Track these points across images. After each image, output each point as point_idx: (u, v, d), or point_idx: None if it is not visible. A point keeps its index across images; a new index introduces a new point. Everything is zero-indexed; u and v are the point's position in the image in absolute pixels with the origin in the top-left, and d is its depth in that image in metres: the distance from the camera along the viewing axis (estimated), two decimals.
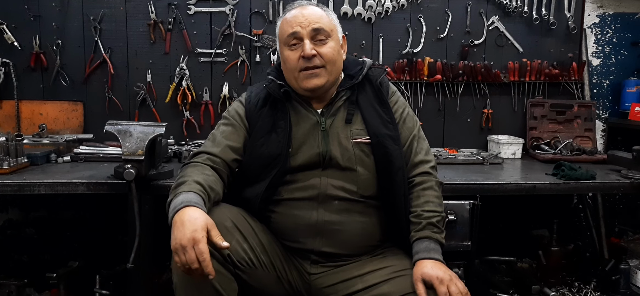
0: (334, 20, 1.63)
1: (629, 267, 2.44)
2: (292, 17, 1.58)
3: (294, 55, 1.56)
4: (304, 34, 1.55)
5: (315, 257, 1.55)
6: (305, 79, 1.56)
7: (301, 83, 1.57)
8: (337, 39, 1.61)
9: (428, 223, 1.52)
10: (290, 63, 1.57)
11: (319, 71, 1.55)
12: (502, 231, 2.75)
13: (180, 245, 1.25)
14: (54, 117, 2.67)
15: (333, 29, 1.60)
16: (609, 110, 3.02)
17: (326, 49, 1.56)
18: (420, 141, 1.67)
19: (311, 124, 1.59)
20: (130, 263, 1.84)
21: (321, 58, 1.55)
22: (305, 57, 1.53)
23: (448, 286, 1.37)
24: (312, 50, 1.53)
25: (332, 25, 1.60)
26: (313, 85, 1.56)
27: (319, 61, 1.55)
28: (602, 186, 2.18)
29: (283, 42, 1.59)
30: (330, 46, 1.57)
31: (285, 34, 1.58)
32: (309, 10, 1.58)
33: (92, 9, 2.67)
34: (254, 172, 1.57)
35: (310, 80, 1.56)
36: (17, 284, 2.27)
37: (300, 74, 1.56)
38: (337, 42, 1.60)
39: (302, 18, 1.56)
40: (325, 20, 1.58)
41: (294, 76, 1.58)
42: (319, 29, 1.55)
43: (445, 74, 2.80)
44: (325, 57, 1.55)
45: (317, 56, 1.54)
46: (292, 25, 1.56)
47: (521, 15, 2.83)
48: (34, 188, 1.89)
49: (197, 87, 2.73)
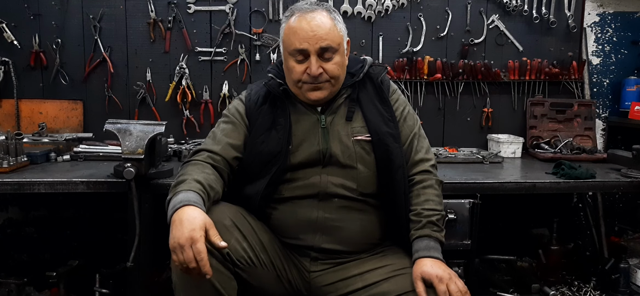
0: (342, 30, 1.58)
1: (628, 266, 2.44)
2: (299, 27, 1.52)
3: (299, 68, 1.54)
4: (312, 51, 1.51)
5: (315, 254, 1.55)
6: (309, 91, 1.56)
7: (304, 94, 1.57)
8: (343, 51, 1.58)
9: (428, 222, 1.52)
10: (295, 75, 1.55)
11: (323, 85, 1.55)
12: (502, 230, 2.75)
13: (178, 244, 1.25)
14: (53, 116, 2.67)
15: (340, 42, 1.56)
16: (609, 109, 3.02)
17: (332, 66, 1.54)
18: (421, 139, 1.67)
19: (311, 122, 1.59)
20: (130, 262, 1.84)
21: (326, 74, 1.54)
22: (310, 75, 1.52)
23: (448, 284, 1.37)
24: (319, 70, 1.52)
25: (339, 39, 1.56)
26: (316, 98, 1.56)
27: (324, 77, 1.54)
28: (602, 185, 2.18)
29: (288, 52, 1.56)
30: (336, 62, 1.55)
31: (291, 46, 1.54)
32: (317, 22, 1.52)
33: (91, 8, 2.66)
34: (254, 169, 1.57)
35: (314, 93, 1.55)
36: (17, 283, 2.27)
37: (304, 85, 1.55)
38: (343, 54, 1.58)
39: (310, 33, 1.50)
40: (334, 35, 1.54)
41: (298, 86, 1.57)
42: (327, 48, 1.52)
43: (445, 73, 2.80)
44: (330, 74, 1.54)
45: (322, 73, 1.53)
46: (300, 40, 1.51)
47: (521, 14, 2.82)
48: (33, 187, 1.89)
49: (197, 85, 2.73)
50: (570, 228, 2.88)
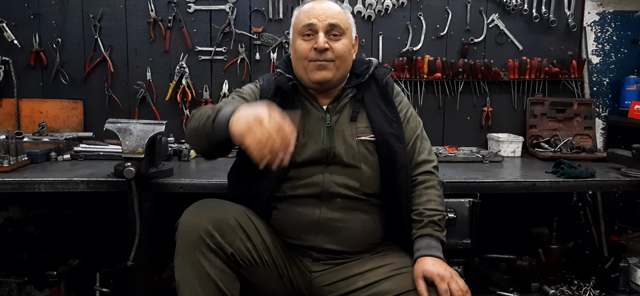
0: (350, 19, 1.64)
1: (628, 265, 2.44)
2: (309, 8, 1.59)
3: (306, 45, 1.57)
4: (320, 26, 1.55)
5: (316, 254, 1.55)
6: (314, 70, 1.57)
7: (309, 74, 1.58)
8: (350, 37, 1.62)
9: (430, 221, 1.53)
10: (302, 52, 1.57)
11: (328, 64, 1.56)
12: (501, 229, 2.75)
13: (250, 123, 1.23)
14: (54, 115, 2.67)
15: (348, 28, 1.61)
16: (609, 108, 3.02)
17: (339, 45, 1.57)
18: (423, 141, 1.69)
19: (316, 119, 1.60)
20: (130, 261, 1.84)
21: (332, 53, 1.56)
22: (317, 50, 1.55)
23: (449, 283, 1.38)
24: (325, 44, 1.54)
25: (347, 24, 1.61)
26: (321, 78, 1.57)
27: (330, 55, 1.56)
28: (601, 184, 2.18)
29: (297, 31, 1.60)
30: (343, 43, 1.58)
31: (300, 23, 1.58)
32: (327, 4, 1.60)
33: (91, 7, 2.66)
34: (258, 166, 1.55)
35: (319, 72, 1.56)
36: (18, 282, 2.27)
37: (310, 64, 1.57)
38: (350, 40, 1.62)
39: (320, 11, 1.57)
40: (342, 17, 1.60)
41: (303, 65, 1.58)
42: (334, 25, 1.56)
43: (445, 72, 2.80)
44: (336, 53, 1.56)
45: (329, 50, 1.55)
46: (309, 16, 1.57)
47: (521, 13, 2.83)
48: (34, 187, 1.89)
49: (197, 85, 2.73)
50: (570, 227, 2.88)
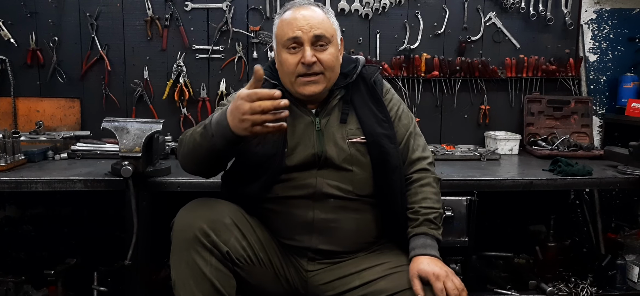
0: (334, 24, 1.59)
1: (625, 262, 2.45)
2: (292, 18, 1.53)
3: (292, 59, 1.52)
4: (305, 39, 1.50)
5: (311, 255, 1.55)
6: (303, 85, 1.53)
7: (298, 89, 1.54)
8: (336, 44, 1.58)
9: (425, 220, 1.52)
10: (288, 67, 1.53)
11: (317, 78, 1.52)
12: (499, 227, 2.75)
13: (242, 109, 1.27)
14: (50, 114, 2.67)
15: (334, 34, 1.57)
16: (606, 106, 3.02)
17: (326, 56, 1.52)
18: (417, 138, 1.67)
19: (306, 124, 1.58)
20: (128, 260, 1.84)
21: (320, 65, 1.52)
22: (305, 64, 1.50)
23: (444, 282, 1.38)
24: (313, 57, 1.50)
25: (332, 30, 1.56)
26: (310, 93, 1.54)
27: (318, 68, 1.52)
28: (599, 182, 2.19)
29: (281, 44, 1.54)
30: (330, 53, 1.53)
31: (284, 36, 1.53)
32: (310, 12, 1.53)
33: (88, 6, 2.65)
34: (250, 170, 1.56)
35: (308, 87, 1.53)
36: (15, 281, 2.26)
37: (298, 80, 1.53)
38: (336, 47, 1.57)
39: (303, 22, 1.50)
40: (327, 25, 1.54)
41: (291, 80, 1.54)
42: (320, 36, 1.51)
43: (443, 70, 2.80)
44: (325, 64, 1.52)
45: (316, 63, 1.51)
46: (293, 28, 1.51)
47: (518, 11, 2.83)
48: (31, 185, 1.89)
49: (195, 83, 2.72)
50: (567, 225, 2.88)
